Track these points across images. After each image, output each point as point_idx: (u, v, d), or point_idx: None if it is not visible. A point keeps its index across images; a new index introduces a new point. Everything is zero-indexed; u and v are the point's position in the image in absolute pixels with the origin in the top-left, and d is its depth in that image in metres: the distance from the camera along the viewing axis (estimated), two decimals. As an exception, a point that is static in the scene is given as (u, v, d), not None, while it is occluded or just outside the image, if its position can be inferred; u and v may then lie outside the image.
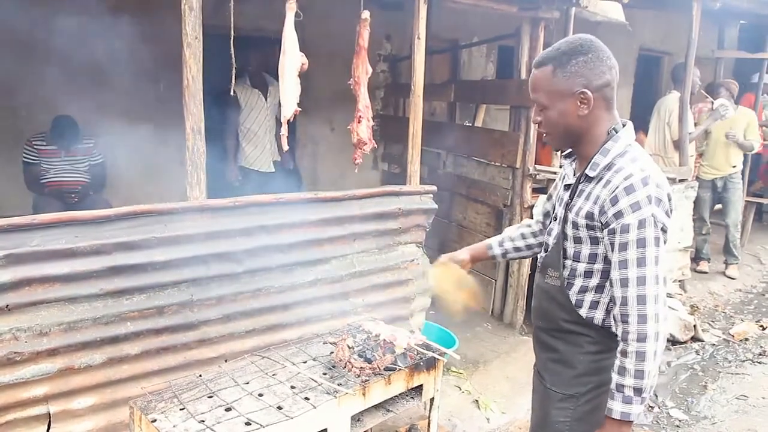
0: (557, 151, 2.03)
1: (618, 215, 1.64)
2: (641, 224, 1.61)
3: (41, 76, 4.44)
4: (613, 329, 1.76)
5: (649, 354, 1.61)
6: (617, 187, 1.64)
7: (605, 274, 1.75)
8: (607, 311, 1.78)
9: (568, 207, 1.81)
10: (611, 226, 1.66)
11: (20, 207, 4.33)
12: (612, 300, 1.73)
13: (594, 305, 1.79)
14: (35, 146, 4.51)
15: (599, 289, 1.78)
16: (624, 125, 1.77)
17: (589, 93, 1.70)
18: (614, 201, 1.64)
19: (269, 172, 5.25)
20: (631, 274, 1.63)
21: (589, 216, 1.72)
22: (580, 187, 1.79)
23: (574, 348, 1.84)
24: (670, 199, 1.68)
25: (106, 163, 4.81)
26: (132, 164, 4.62)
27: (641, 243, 1.61)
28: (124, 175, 4.92)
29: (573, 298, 1.81)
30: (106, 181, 4.87)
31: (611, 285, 1.70)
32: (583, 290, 1.80)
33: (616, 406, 1.65)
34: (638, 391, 1.62)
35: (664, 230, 1.65)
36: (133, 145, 4.12)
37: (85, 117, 4.50)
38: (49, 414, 2.51)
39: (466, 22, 6.28)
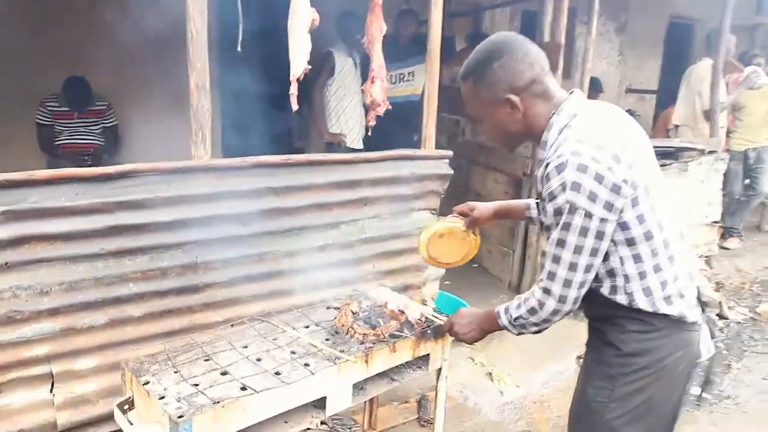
0: (512, 151, 2.05)
1: (544, 198, 1.62)
2: (557, 212, 1.58)
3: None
4: (647, 308, 1.68)
5: (536, 316, 1.74)
6: (541, 176, 1.64)
7: (606, 256, 1.65)
8: (626, 293, 1.68)
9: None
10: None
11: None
12: (626, 278, 1.66)
13: (613, 290, 1.70)
14: (48, 107, 4.46)
15: (610, 273, 1.68)
16: (564, 102, 1.68)
17: (515, 97, 1.67)
18: (540, 187, 1.65)
19: (359, 149, 4.79)
20: (549, 249, 1.65)
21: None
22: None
23: (618, 328, 1.74)
24: (621, 163, 1.53)
25: (119, 125, 4.76)
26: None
27: (564, 227, 1.58)
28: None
29: (593, 285, 1.71)
30: (120, 144, 4.81)
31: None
32: (599, 278, 1.70)
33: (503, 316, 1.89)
34: (516, 319, 1.84)
35: (607, 209, 1.54)
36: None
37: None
38: (52, 374, 2.49)
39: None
